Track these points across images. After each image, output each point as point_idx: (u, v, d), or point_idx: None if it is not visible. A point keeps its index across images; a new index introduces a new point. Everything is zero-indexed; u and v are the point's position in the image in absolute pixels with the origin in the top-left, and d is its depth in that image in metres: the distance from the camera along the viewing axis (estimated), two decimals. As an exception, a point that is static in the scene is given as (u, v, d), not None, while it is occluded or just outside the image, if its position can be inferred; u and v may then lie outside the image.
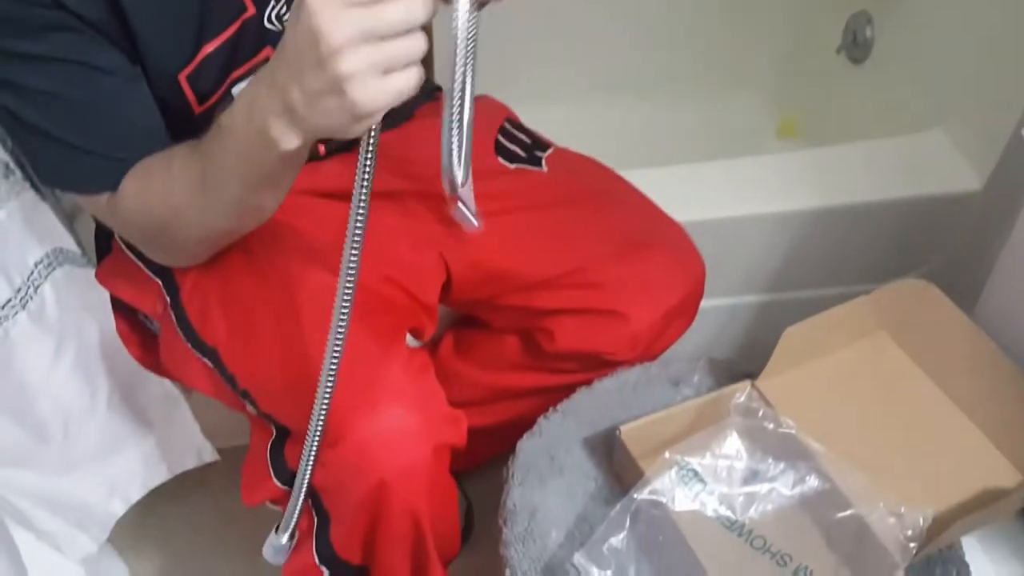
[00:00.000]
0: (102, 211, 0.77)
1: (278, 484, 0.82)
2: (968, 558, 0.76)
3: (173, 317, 0.86)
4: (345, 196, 0.90)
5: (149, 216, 0.74)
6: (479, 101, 1.06)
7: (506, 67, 1.58)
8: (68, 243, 0.93)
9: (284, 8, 0.79)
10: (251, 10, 0.78)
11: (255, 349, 0.82)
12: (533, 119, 1.09)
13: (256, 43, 0.80)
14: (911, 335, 0.84)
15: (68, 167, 0.74)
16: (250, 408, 0.84)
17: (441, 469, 0.82)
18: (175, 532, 1.30)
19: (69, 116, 0.71)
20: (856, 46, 1.33)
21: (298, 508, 0.77)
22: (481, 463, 1.19)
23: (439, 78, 1.08)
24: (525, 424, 1.10)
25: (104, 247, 0.96)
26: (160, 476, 1.16)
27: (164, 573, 1.29)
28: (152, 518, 1.27)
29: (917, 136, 1.17)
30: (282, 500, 0.83)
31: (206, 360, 0.84)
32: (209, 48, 0.76)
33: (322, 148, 0.92)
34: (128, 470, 1.11)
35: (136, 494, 1.14)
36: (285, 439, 0.82)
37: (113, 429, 1.04)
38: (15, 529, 0.99)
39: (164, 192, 0.72)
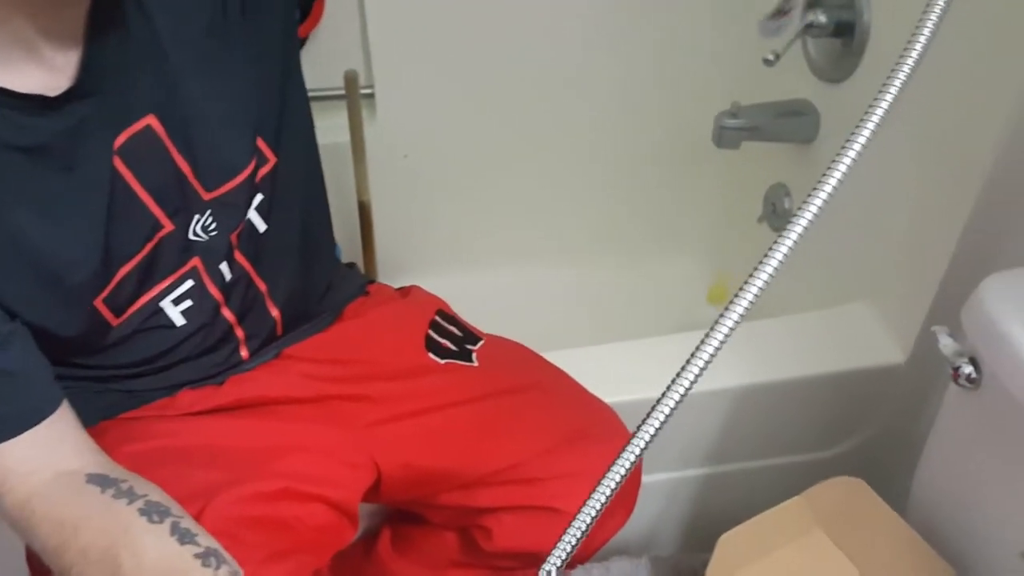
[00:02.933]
0: None
1: None
2: None
3: None
4: (267, 404, 0.89)
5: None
6: (410, 293, 1.07)
7: (442, 235, 1.62)
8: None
9: (210, 220, 0.80)
10: (168, 227, 0.77)
11: None
12: (467, 286, 1.09)
13: (179, 256, 0.79)
14: (846, 534, 0.83)
15: None
16: None
17: None
18: None
19: None
20: (776, 216, 1.39)
21: None
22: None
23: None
24: (466, 623, 1.07)
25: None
26: None
27: None
28: None
29: (840, 309, 1.20)
30: None
31: None
32: (124, 270, 0.75)
33: (245, 353, 0.91)
34: None
35: None
36: None
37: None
38: None
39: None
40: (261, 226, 0.84)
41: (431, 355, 0.99)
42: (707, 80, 1.50)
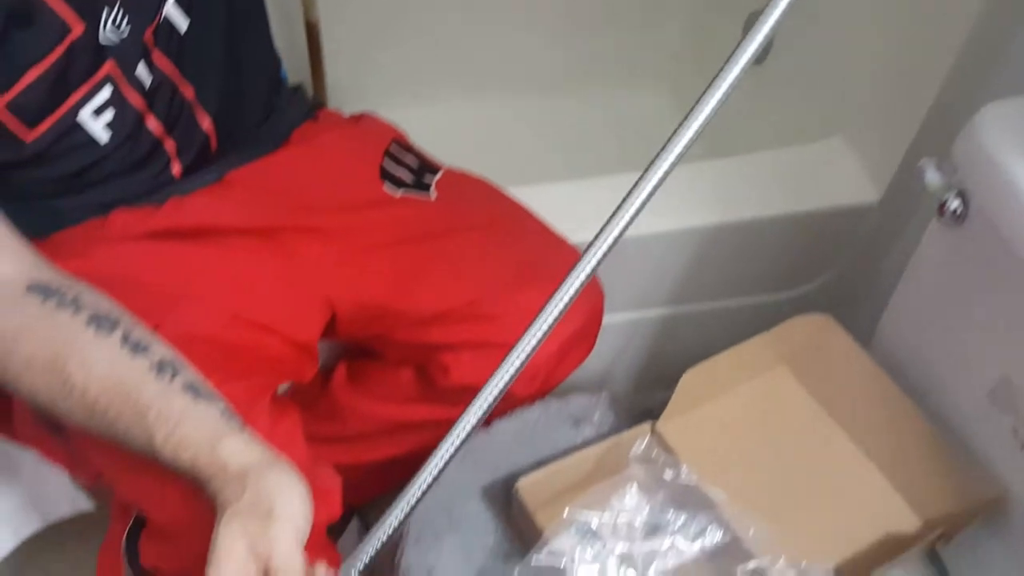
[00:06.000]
0: None
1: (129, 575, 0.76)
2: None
3: None
4: (212, 233, 0.83)
5: None
6: (362, 120, 1.00)
7: (399, 62, 1.51)
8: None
9: (121, 15, 0.71)
10: (78, 29, 0.69)
11: None
12: (424, 118, 1.03)
13: (92, 62, 0.71)
14: (811, 371, 0.82)
15: None
16: (106, 491, 0.77)
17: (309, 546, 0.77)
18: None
19: None
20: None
21: None
22: (376, 497, 1.14)
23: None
24: (420, 456, 1.06)
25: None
26: (33, 525, 1.08)
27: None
28: (32, 569, 1.18)
29: (815, 145, 1.15)
30: None
31: (58, 437, 0.76)
32: (30, 76, 0.67)
33: (177, 169, 0.84)
34: (-4, 517, 1.03)
35: (9, 543, 1.06)
36: (141, 528, 0.75)
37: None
38: None
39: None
40: (182, 23, 0.76)
41: (387, 185, 0.93)
42: None
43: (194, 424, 0.61)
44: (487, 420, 0.93)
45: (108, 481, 0.75)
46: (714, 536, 0.74)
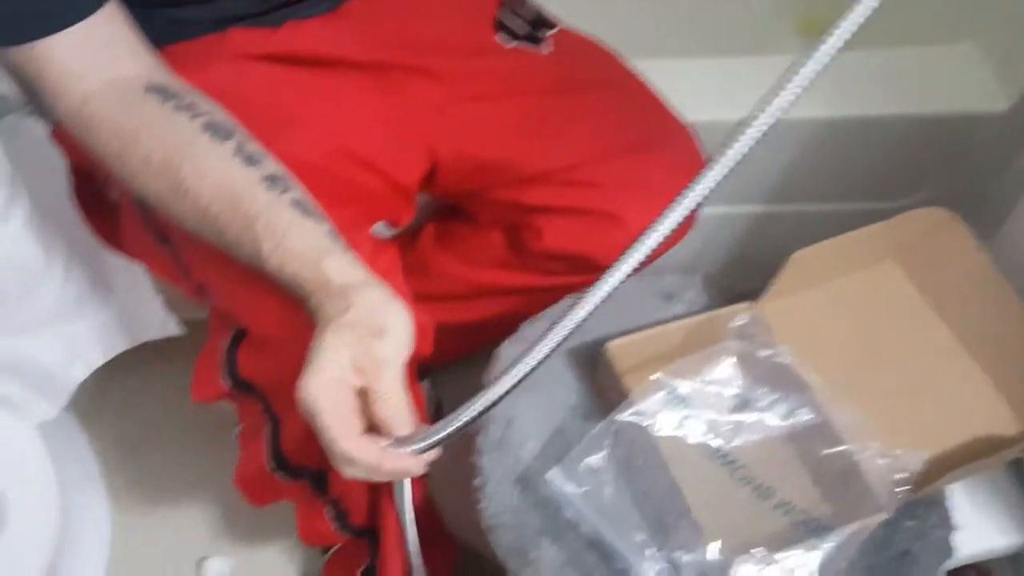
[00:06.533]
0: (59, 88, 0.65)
1: (226, 384, 0.77)
2: (949, 503, 0.74)
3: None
4: (325, 62, 0.82)
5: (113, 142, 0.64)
6: None
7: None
8: (9, 89, 0.85)
9: None
10: None
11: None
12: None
13: None
14: (924, 265, 0.79)
15: None
16: (207, 303, 0.78)
17: None
18: (136, 403, 1.27)
19: None
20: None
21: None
22: (454, 360, 1.15)
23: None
24: (503, 324, 1.06)
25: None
26: (121, 344, 1.12)
27: (122, 442, 1.27)
28: (114, 387, 1.23)
29: (944, 47, 1.09)
30: (230, 400, 0.79)
31: (164, 247, 0.77)
32: None
33: None
34: (89, 336, 1.06)
35: (97, 360, 1.11)
36: (241, 340, 0.76)
37: (72, 293, 0.99)
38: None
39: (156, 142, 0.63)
40: None
41: (500, 35, 0.91)
42: None
43: (300, 238, 0.61)
44: (574, 284, 0.93)
45: (210, 292, 0.77)
46: (803, 417, 0.73)
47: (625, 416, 0.72)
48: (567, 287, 0.94)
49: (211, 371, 0.78)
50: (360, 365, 0.58)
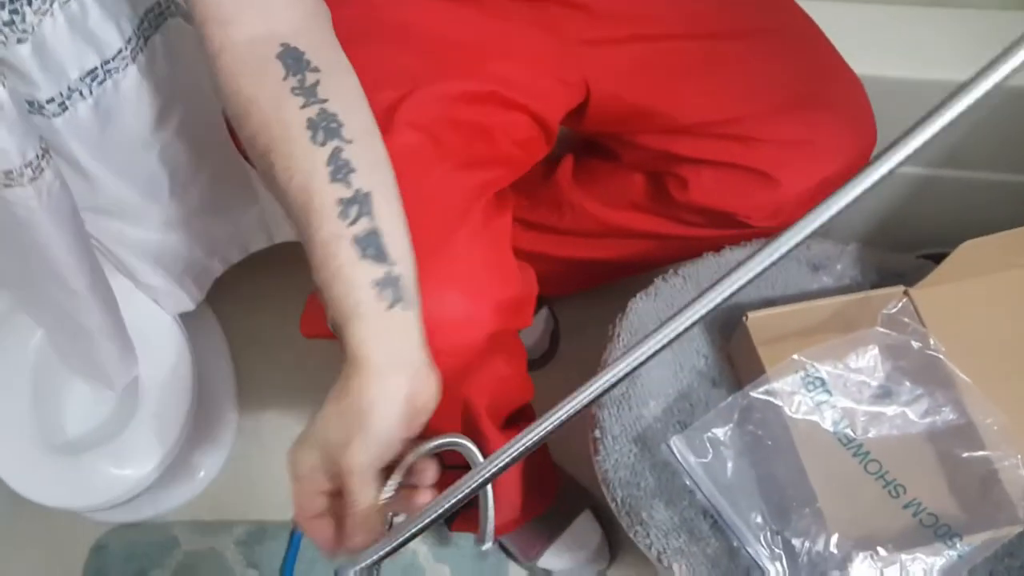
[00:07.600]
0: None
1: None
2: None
3: None
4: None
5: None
6: None
7: None
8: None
9: None
10: None
11: None
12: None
13: None
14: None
15: None
16: None
17: (497, 355, 0.76)
18: (268, 299, 1.32)
19: None
20: None
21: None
22: (576, 292, 1.14)
23: None
24: (630, 266, 1.04)
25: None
26: (261, 243, 1.16)
27: (253, 337, 1.32)
28: (248, 283, 1.28)
29: None
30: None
31: None
32: None
33: None
34: (230, 233, 1.11)
35: (236, 256, 1.15)
36: None
37: (218, 194, 1.02)
38: (115, 278, 1.00)
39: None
40: None
41: (663, -29, 0.86)
42: None
43: (342, 285, 0.57)
44: (711, 237, 0.90)
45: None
46: (947, 416, 0.70)
47: (758, 393, 0.71)
48: (702, 238, 0.92)
49: (320, 309, 0.79)
50: (332, 471, 0.55)
